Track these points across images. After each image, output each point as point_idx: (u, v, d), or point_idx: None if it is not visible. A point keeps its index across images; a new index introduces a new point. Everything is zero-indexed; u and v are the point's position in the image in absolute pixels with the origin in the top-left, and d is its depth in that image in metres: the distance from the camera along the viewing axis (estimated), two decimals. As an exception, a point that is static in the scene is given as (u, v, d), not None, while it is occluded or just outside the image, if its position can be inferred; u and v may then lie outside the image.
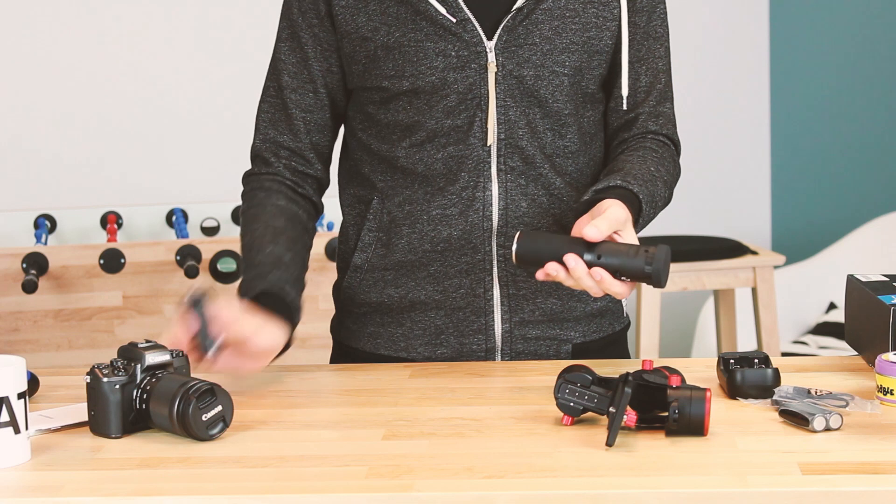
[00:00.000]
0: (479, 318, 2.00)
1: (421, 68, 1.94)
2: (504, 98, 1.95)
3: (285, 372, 1.98)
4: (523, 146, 1.97)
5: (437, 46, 1.94)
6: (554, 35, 1.95)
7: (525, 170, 1.97)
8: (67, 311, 3.42)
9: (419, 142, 1.98)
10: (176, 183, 4.54)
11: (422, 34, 1.93)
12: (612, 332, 2.09)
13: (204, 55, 4.58)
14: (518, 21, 1.94)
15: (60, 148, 4.53)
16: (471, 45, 1.94)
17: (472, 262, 1.99)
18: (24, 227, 3.89)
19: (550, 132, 1.98)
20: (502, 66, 1.94)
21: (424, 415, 1.74)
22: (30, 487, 1.53)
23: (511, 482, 1.48)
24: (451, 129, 1.96)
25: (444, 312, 2.01)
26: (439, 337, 2.01)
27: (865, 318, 1.91)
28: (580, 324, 2.05)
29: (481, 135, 1.96)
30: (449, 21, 1.93)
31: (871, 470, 1.49)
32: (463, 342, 2.01)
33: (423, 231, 2.00)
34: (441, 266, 2.00)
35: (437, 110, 1.96)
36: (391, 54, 1.94)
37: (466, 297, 2.00)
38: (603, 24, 1.98)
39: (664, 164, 1.99)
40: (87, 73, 4.53)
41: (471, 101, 1.95)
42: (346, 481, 1.50)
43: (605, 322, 2.08)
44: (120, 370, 1.67)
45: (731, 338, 4.24)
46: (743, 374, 1.76)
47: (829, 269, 4.60)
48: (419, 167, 1.98)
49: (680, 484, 1.47)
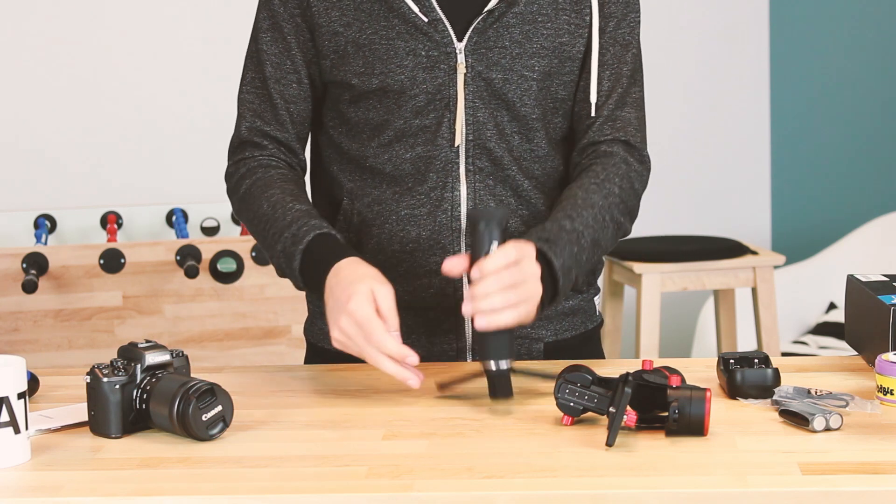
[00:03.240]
0: (450, 317, 2.00)
1: (391, 66, 1.94)
2: (473, 99, 1.95)
3: (285, 372, 1.98)
4: (491, 147, 1.97)
5: (408, 45, 1.93)
6: (524, 39, 1.94)
7: (493, 171, 1.97)
8: (67, 311, 3.42)
9: (388, 141, 1.97)
10: (176, 183, 4.54)
11: (393, 32, 1.93)
12: (585, 331, 2.09)
13: (204, 55, 4.58)
14: (489, 24, 1.93)
15: (60, 148, 4.53)
16: (441, 46, 1.94)
17: (441, 261, 1.98)
18: (24, 227, 3.89)
19: (518, 135, 1.98)
20: (471, 67, 1.94)
21: (424, 415, 1.74)
22: (30, 487, 1.53)
23: (511, 482, 1.48)
24: (419, 129, 1.96)
25: (415, 312, 2.00)
26: (410, 336, 2.00)
27: (865, 318, 1.91)
28: (551, 322, 2.05)
29: (449, 135, 1.96)
30: (420, 20, 1.93)
31: (871, 470, 1.49)
32: (434, 342, 2.01)
33: (393, 231, 1.99)
34: (410, 266, 2.00)
35: (405, 110, 1.95)
36: (361, 51, 1.94)
37: (436, 297, 2.00)
38: (575, 30, 1.97)
39: (608, 190, 1.94)
40: (87, 73, 4.53)
41: (439, 102, 1.95)
42: (346, 481, 1.50)
43: (577, 320, 2.08)
44: (120, 370, 1.67)
45: (731, 338, 4.24)
46: (743, 374, 1.76)
47: (829, 269, 4.60)
48: (388, 167, 1.98)
49: (680, 484, 1.47)
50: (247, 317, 3.49)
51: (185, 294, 3.45)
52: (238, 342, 3.49)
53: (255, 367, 2.03)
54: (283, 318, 3.49)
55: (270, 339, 3.50)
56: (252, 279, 3.47)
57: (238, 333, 3.49)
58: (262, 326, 3.50)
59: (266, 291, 3.49)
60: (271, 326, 3.50)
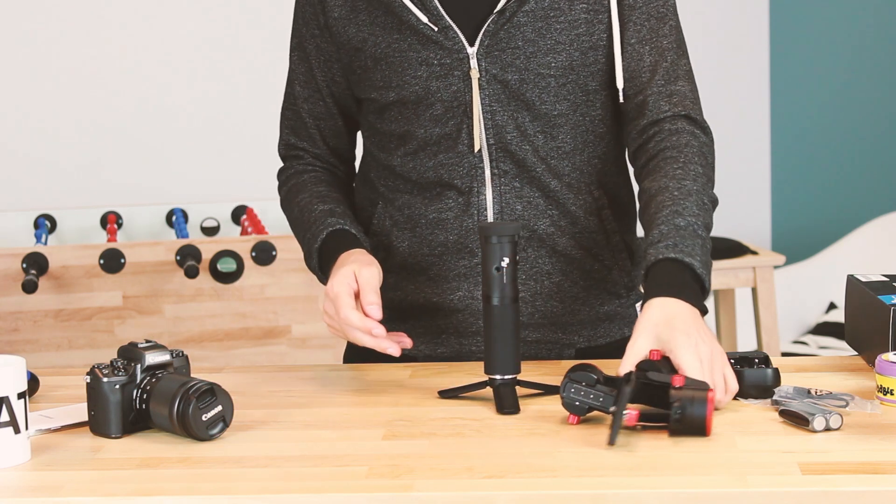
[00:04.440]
0: (478, 320, 2.00)
1: (406, 78, 1.94)
2: (490, 103, 1.94)
3: (285, 372, 1.98)
4: (514, 150, 1.96)
5: (420, 56, 1.93)
6: (537, 37, 1.92)
7: (518, 173, 1.96)
8: (67, 311, 3.42)
9: (413, 150, 1.98)
10: (176, 183, 4.54)
11: (405, 44, 1.93)
12: (622, 338, 2.03)
13: (204, 55, 4.58)
14: (500, 25, 1.91)
15: (60, 148, 4.53)
16: (453, 53, 1.93)
17: (469, 265, 1.99)
18: (24, 227, 3.89)
19: (541, 134, 1.96)
20: (485, 71, 1.93)
21: (424, 415, 1.74)
22: (30, 487, 1.53)
23: (511, 482, 1.48)
24: (440, 137, 1.96)
25: (444, 314, 2.01)
26: (440, 336, 2.01)
27: (865, 318, 1.91)
28: (585, 328, 2.03)
29: (469, 141, 1.95)
30: (430, 29, 1.92)
31: (871, 470, 1.49)
32: (462, 343, 2.01)
33: (422, 236, 2.00)
34: (439, 270, 2.00)
35: (424, 119, 1.95)
36: (379, 65, 1.95)
37: (464, 300, 2.00)
38: (594, 17, 1.93)
39: (695, 171, 1.89)
40: (87, 73, 4.53)
41: (457, 109, 1.94)
42: (346, 481, 1.50)
43: (613, 327, 2.05)
44: (120, 370, 1.67)
45: (731, 338, 4.24)
46: (743, 374, 1.76)
47: (829, 269, 4.60)
48: (413, 175, 1.99)
49: (680, 484, 1.47)
50: (247, 317, 3.48)
51: (185, 294, 3.45)
52: (238, 342, 3.49)
53: (255, 367, 2.04)
54: (283, 318, 3.49)
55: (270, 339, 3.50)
56: (252, 279, 3.46)
57: (238, 333, 3.49)
58: (262, 326, 3.49)
59: (266, 291, 3.48)
60: (271, 326, 3.49)
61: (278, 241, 3.46)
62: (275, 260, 3.44)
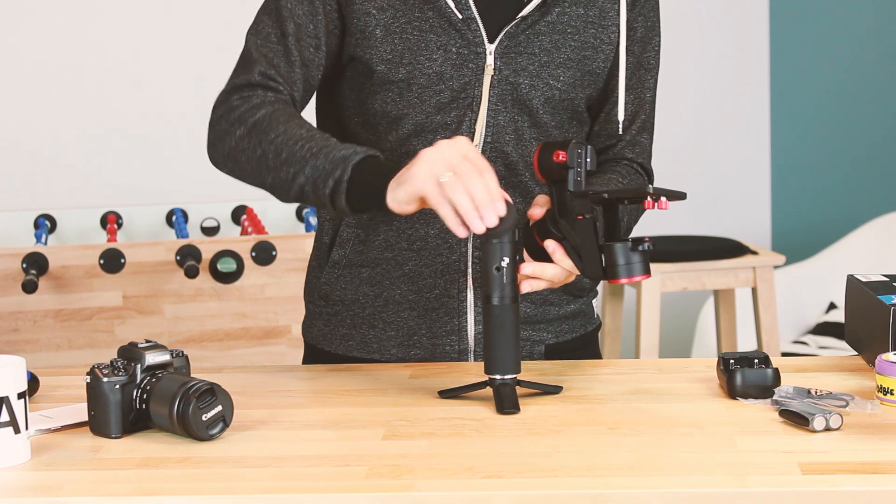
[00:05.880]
0: (453, 319, 2.00)
1: (420, 58, 1.93)
2: (496, 102, 1.95)
3: (285, 372, 1.98)
4: (508, 152, 1.96)
5: (440, 40, 1.93)
6: (553, 48, 1.95)
7: (506, 175, 1.97)
8: (67, 311, 3.42)
9: (406, 135, 1.96)
10: (176, 183, 4.54)
11: (427, 24, 1.93)
12: (585, 333, 2.10)
13: (204, 55, 4.58)
14: (521, 29, 1.94)
15: (60, 148, 4.53)
16: (472, 45, 1.93)
17: (447, 262, 1.98)
18: (24, 227, 3.89)
19: (535, 142, 1.97)
20: (499, 70, 1.94)
21: (424, 415, 1.74)
22: (30, 487, 1.53)
23: (511, 482, 1.48)
24: (439, 125, 1.95)
25: (418, 313, 2.00)
26: (412, 338, 2.01)
27: (865, 318, 1.91)
28: (553, 325, 2.06)
29: (468, 135, 1.95)
30: (455, 16, 1.92)
31: (871, 470, 1.50)
32: (436, 343, 2.01)
33: (401, 228, 1.99)
34: (416, 265, 1.99)
35: (428, 104, 1.95)
36: (391, 37, 1.92)
37: (440, 298, 1.99)
38: (599, 45, 1.98)
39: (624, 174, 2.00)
40: (87, 73, 4.53)
41: (463, 101, 1.95)
42: (346, 481, 1.50)
43: (577, 323, 2.09)
44: (120, 370, 1.67)
45: (731, 338, 4.24)
46: (743, 374, 1.76)
47: (829, 269, 4.60)
48: (403, 161, 1.96)
49: (680, 484, 1.47)
50: (247, 317, 3.49)
51: (185, 294, 3.45)
52: (238, 342, 3.49)
53: (255, 367, 2.03)
54: (283, 318, 3.49)
55: (270, 339, 3.50)
56: (252, 279, 3.47)
57: (238, 333, 3.49)
58: (262, 326, 3.50)
59: (266, 291, 3.49)
60: (271, 326, 3.50)
61: (278, 241, 3.46)
62: (275, 260, 3.45)
